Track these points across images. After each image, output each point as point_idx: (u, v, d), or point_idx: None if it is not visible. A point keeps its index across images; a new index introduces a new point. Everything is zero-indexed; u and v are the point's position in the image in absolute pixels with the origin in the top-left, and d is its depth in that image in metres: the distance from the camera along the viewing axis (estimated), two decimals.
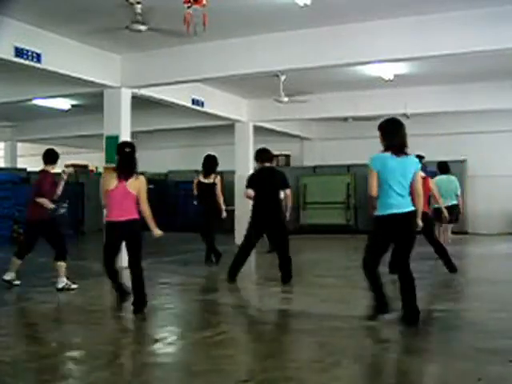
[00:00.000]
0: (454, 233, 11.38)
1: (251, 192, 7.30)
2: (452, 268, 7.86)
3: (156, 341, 4.65)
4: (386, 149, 4.95)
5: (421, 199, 5.08)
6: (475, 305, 5.97)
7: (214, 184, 9.18)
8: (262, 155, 7.64)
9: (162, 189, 17.77)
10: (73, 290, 6.81)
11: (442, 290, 6.94)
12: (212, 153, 9.59)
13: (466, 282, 7.94)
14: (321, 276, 7.88)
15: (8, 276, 6.91)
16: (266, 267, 9.01)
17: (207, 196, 9.17)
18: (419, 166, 5.10)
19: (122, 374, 3.91)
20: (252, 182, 7.44)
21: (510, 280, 7.64)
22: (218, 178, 9.31)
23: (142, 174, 5.88)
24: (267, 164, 7.62)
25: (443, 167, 10.05)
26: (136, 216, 5.48)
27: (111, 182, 5.46)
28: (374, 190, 4.89)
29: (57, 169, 7.22)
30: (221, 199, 9.16)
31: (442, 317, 5.39)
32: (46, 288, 7.05)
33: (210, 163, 9.31)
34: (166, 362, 4.12)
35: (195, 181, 9.43)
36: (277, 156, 17.79)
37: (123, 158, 5.49)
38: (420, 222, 5.12)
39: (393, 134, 4.99)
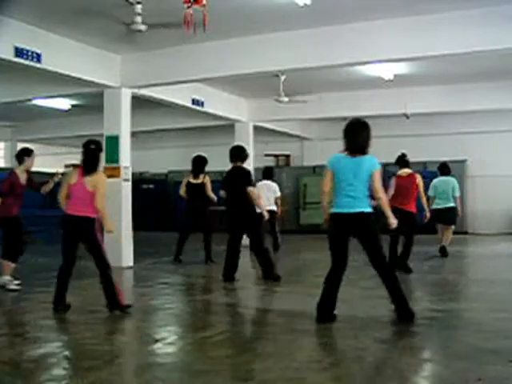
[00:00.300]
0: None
1: (223, 193, 7.77)
2: (404, 268, 7.80)
3: (156, 341, 4.65)
4: (344, 149, 5.02)
5: (383, 198, 5.08)
6: (475, 305, 5.97)
7: (202, 184, 9.24)
8: (232, 155, 7.70)
9: (162, 189, 17.78)
10: (11, 290, 6.75)
11: (442, 290, 6.93)
12: (201, 153, 9.68)
13: (466, 281, 7.95)
14: (321, 276, 7.80)
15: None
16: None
17: (196, 197, 9.23)
18: (378, 166, 5.02)
19: (122, 374, 3.91)
20: (223, 182, 7.72)
21: (510, 280, 7.64)
22: (207, 178, 9.37)
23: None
24: (239, 163, 7.64)
25: (443, 169, 9.99)
26: (89, 214, 5.45)
27: (73, 177, 5.55)
28: (324, 187, 5.10)
29: (59, 169, 7.25)
30: (211, 196, 9.25)
31: (442, 317, 5.39)
32: (46, 288, 7.05)
33: (199, 164, 9.42)
34: (165, 362, 4.12)
35: (184, 181, 9.48)
36: (277, 156, 17.85)
37: (86, 155, 5.57)
38: (393, 221, 5.16)
39: (350, 135, 5.02)
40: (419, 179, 8.11)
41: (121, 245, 9.07)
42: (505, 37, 6.89)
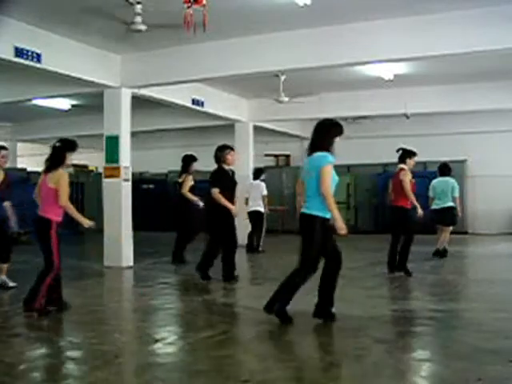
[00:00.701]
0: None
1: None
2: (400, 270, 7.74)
3: (156, 341, 4.65)
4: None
5: (329, 200, 4.81)
6: (475, 305, 5.97)
7: (182, 183, 9.30)
8: (215, 155, 7.91)
9: (162, 189, 17.77)
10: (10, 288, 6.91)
11: (442, 290, 6.93)
12: (189, 152, 9.76)
13: (466, 281, 7.95)
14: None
15: None
16: (265, 267, 9.01)
17: (177, 195, 9.35)
18: (323, 161, 4.85)
19: (122, 374, 3.91)
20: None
21: (510, 280, 7.64)
22: (188, 177, 9.34)
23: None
24: (219, 164, 7.81)
25: (443, 169, 9.91)
26: (46, 215, 5.46)
27: (41, 176, 5.63)
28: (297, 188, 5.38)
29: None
30: (187, 196, 9.20)
31: (442, 317, 5.39)
32: None
33: (183, 163, 9.48)
34: (165, 362, 4.12)
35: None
36: (277, 156, 17.85)
37: (50, 152, 5.64)
38: (341, 225, 4.89)
39: (313, 134, 5.09)
40: (403, 174, 7.70)
41: (121, 245, 9.07)
42: (505, 37, 6.89)
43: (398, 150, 7.97)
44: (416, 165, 8.21)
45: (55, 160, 5.57)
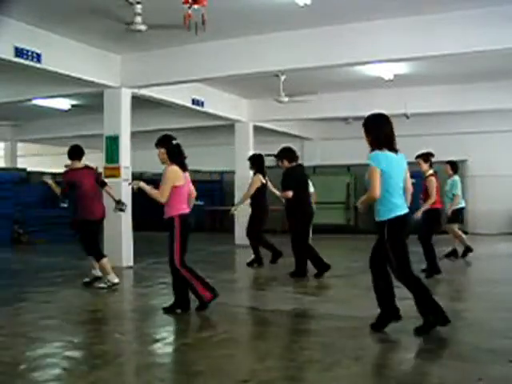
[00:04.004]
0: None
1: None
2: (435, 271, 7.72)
3: (156, 341, 4.65)
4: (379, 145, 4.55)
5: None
6: (475, 305, 5.97)
7: None
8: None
9: None
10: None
11: (442, 290, 6.93)
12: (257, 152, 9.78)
13: (466, 281, 7.95)
14: (321, 276, 7.87)
15: None
16: (265, 268, 9.00)
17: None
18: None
19: (122, 374, 3.91)
20: None
21: (510, 280, 7.64)
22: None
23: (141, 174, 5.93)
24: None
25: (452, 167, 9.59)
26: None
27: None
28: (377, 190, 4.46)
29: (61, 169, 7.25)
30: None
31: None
32: (46, 288, 7.06)
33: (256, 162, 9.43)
34: (165, 362, 4.12)
35: None
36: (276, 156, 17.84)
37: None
38: None
39: (384, 129, 4.61)
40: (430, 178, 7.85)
41: (121, 245, 9.07)
42: (505, 37, 6.89)
43: (422, 155, 7.95)
44: (416, 165, 8.20)
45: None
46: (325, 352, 4.26)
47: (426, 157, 7.96)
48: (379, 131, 4.57)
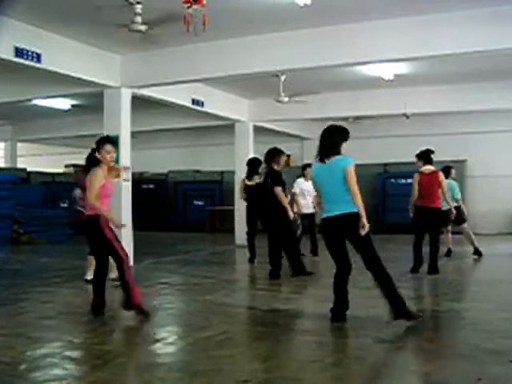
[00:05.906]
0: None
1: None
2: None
3: (156, 341, 4.65)
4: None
5: (359, 197, 5.21)
6: (475, 305, 5.97)
7: None
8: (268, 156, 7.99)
9: (162, 189, 17.79)
10: None
11: (442, 290, 6.93)
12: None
13: (466, 281, 7.95)
14: (321, 276, 7.87)
15: None
16: (265, 268, 8.99)
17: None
18: (349, 162, 5.40)
19: (122, 374, 3.90)
20: None
21: (510, 280, 7.63)
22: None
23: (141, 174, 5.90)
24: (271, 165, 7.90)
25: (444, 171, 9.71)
26: None
27: None
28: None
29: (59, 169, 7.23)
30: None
31: (443, 317, 5.39)
32: (46, 288, 7.06)
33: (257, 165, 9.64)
34: (166, 362, 4.12)
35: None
36: None
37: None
38: (364, 222, 5.00)
39: (324, 140, 5.43)
40: (442, 177, 7.99)
41: None
42: (505, 37, 6.90)
43: (423, 152, 7.98)
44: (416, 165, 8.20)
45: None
46: (325, 352, 4.25)
47: (421, 155, 8.06)
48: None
